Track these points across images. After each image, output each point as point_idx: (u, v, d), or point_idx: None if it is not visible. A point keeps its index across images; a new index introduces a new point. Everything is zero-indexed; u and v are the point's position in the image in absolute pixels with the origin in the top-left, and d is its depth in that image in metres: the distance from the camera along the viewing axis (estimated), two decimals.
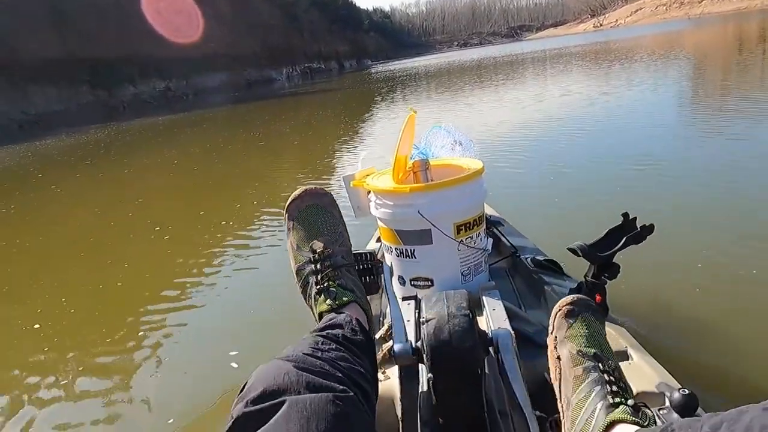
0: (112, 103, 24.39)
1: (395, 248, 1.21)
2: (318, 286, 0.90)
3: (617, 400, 0.72)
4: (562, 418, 0.79)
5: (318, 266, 0.91)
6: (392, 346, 0.87)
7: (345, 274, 0.92)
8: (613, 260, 1.10)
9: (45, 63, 22.35)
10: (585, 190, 3.22)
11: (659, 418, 0.75)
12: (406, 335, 0.89)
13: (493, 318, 0.97)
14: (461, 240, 1.16)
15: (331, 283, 0.90)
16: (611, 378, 0.75)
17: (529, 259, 1.36)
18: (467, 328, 0.80)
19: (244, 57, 40.15)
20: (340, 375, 0.70)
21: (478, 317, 1.04)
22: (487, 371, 0.85)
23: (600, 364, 0.77)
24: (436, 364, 0.79)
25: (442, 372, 0.79)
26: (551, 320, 0.86)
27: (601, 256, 1.08)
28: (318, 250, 0.92)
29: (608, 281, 1.11)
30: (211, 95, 27.68)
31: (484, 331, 0.87)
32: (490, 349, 0.86)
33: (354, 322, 0.84)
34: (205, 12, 38.44)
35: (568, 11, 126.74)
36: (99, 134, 12.56)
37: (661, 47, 14.56)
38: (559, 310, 0.85)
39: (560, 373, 0.81)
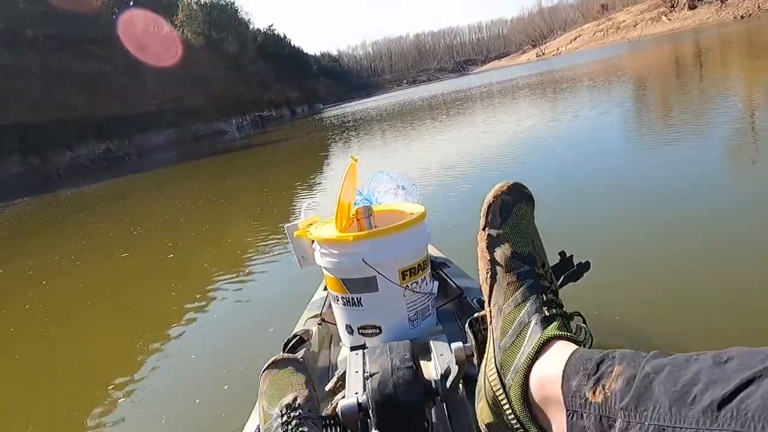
0: (46, 171, 23.31)
1: (341, 297, 1.22)
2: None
3: (553, 311, 0.68)
4: (490, 324, 0.74)
5: (284, 419, 0.87)
6: (337, 404, 0.88)
7: (311, 425, 0.87)
8: None
9: None
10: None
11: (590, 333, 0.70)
12: (352, 389, 0.90)
13: (441, 363, 0.98)
14: (407, 285, 1.18)
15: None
16: (546, 283, 0.71)
17: (475, 300, 1.38)
18: (411, 380, 0.81)
19: (190, 111, 39.99)
20: None
21: (426, 362, 1.06)
22: (435, 420, 0.86)
23: (536, 268, 0.72)
24: (381, 420, 0.79)
25: (389, 426, 0.80)
26: (482, 213, 0.77)
27: None
28: (285, 404, 0.90)
29: None
30: (157, 153, 27.21)
31: (429, 381, 0.88)
32: (437, 397, 0.87)
33: None
34: (149, 68, 38.43)
35: (510, 43, 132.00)
36: (17, 210, 11.90)
37: (605, 73, 15.24)
38: (493, 200, 0.76)
39: (491, 276, 0.74)
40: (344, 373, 1.03)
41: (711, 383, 0.46)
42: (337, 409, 0.85)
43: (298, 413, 0.87)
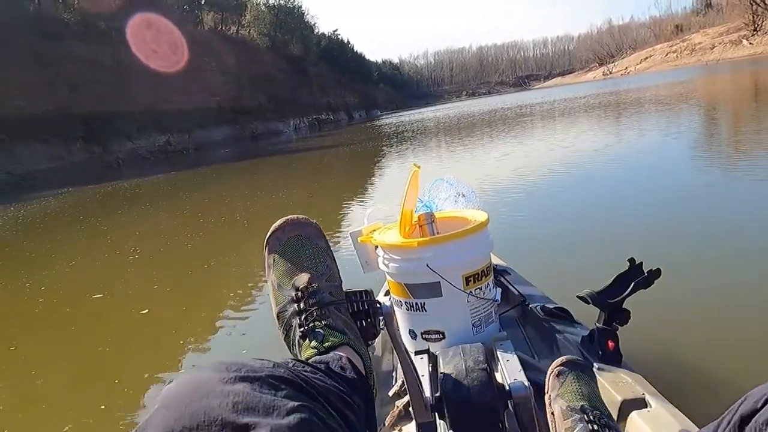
0: (107, 160, 24.03)
1: (405, 302, 1.25)
2: (302, 329, 0.78)
3: None
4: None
5: (302, 305, 0.80)
6: (408, 401, 0.89)
7: (334, 312, 0.81)
8: (623, 306, 1.13)
9: (33, 118, 22.12)
10: (592, 236, 3.28)
11: None
12: (422, 391, 0.90)
13: (508, 370, 1.00)
14: (470, 291, 1.20)
15: (317, 323, 0.78)
16: (596, 427, 0.84)
17: (538, 308, 1.40)
18: (486, 382, 0.82)
19: (249, 110, 41.00)
20: (314, 392, 0.60)
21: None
22: (507, 425, 0.87)
23: (586, 416, 0.87)
24: (456, 420, 0.81)
25: (463, 427, 0.81)
26: (546, 381, 0.95)
27: (610, 302, 1.12)
28: (301, 286, 0.82)
29: (619, 327, 1.14)
30: (215, 149, 27.87)
31: (502, 384, 0.90)
32: (509, 402, 0.89)
33: (344, 360, 0.74)
34: (210, 65, 39.73)
35: (575, 60, 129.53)
36: (75, 197, 12.08)
37: (684, 97, 14.78)
38: (551, 372, 0.95)
39: (555, 428, 0.90)
40: None
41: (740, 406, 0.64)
42: (407, 406, 0.87)
43: (316, 299, 0.80)
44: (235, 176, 12.40)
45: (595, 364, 1.10)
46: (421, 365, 1.07)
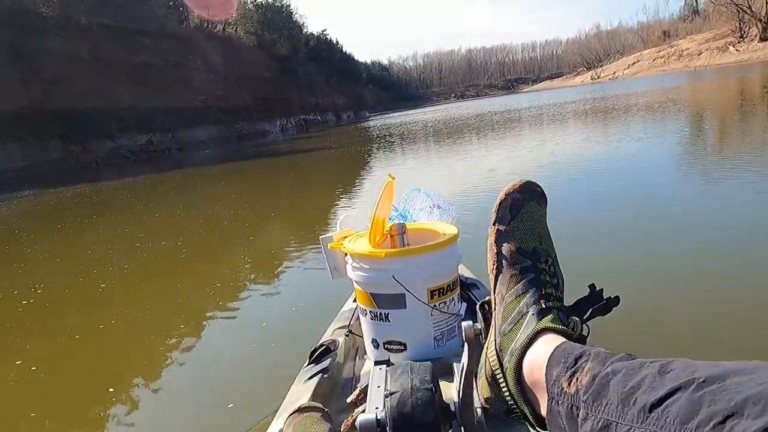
0: (86, 159, 23.38)
1: (370, 311, 1.26)
2: None
3: (549, 304, 0.77)
4: (493, 310, 0.83)
5: None
6: (357, 417, 0.91)
7: None
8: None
9: (7, 115, 21.54)
10: (568, 253, 3.26)
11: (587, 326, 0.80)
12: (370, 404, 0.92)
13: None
14: (435, 305, 1.22)
15: None
16: (547, 278, 0.80)
17: None
18: (429, 401, 0.84)
19: (236, 109, 40.80)
20: None
21: (448, 384, 1.09)
22: None
23: (538, 263, 0.80)
24: None
25: None
26: (494, 209, 0.84)
27: None
28: None
29: None
30: (198, 149, 27.59)
31: (447, 403, 0.91)
32: (454, 422, 0.90)
33: None
34: (196, 63, 39.53)
35: (564, 64, 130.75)
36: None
37: (674, 102, 14.93)
38: (504, 197, 0.84)
39: (497, 268, 0.82)
40: (366, 386, 1.06)
41: (650, 388, 0.54)
42: (356, 423, 0.89)
43: None
44: (208, 182, 12.08)
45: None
46: (379, 376, 1.08)
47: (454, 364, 1.10)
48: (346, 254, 1.32)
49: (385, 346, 1.26)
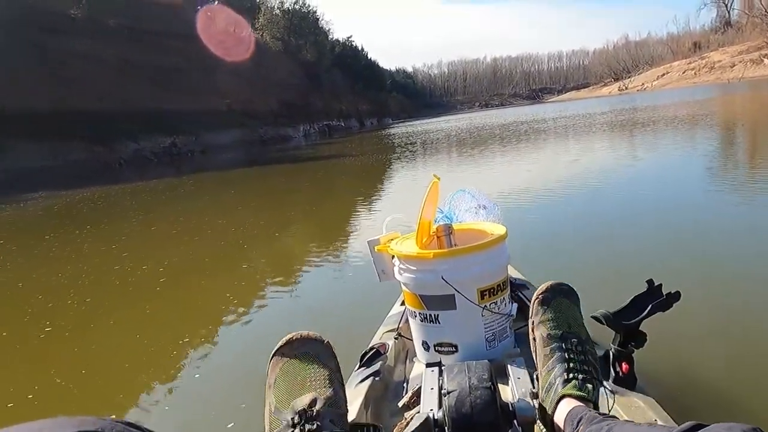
0: (109, 160, 23.65)
1: (419, 313, 1.26)
2: None
3: (571, 375, 0.93)
4: (538, 382, 0.99)
5: (298, 430, 0.74)
6: (412, 419, 0.90)
7: None
8: (640, 328, 1.14)
9: (33, 115, 21.92)
10: (611, 254, 3.29)
11: (606, 390, 0.97)
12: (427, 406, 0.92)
13: (518, 387, 1.00)
14: (485, 305, 1.21)
15: None
16: (571, 356, 0.96)
17: None
18: (489, 401, 0.84)
19: (260, 113, 41.13)
20: None
21: (502, 386, 1.08)
22: None
23: (564, 344, 0.98)
24: None
25: None
26: (531, 306, 1.05)
27: (626, 324, 1.12)
28: (300, 409, 0.76)
29: (635, 350, 1.14)
30: (221, 153, 27.77)
31: (507, 403, 0.91)
32: (514, 421, 0.90)
33: None
34: (224, 68, 40.00)
35: (590, 74, 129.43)
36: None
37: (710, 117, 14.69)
38: (536, 298, 1.05)
39: (536, 351, 1.02)
40: (419, 388, 1.06)
41: None
42: (410, 424, 0.88)
43: (315, 425, 0.74)
44: (227, 185, 12.04)
45: (607, 386, 1.10)
46: (431, 378, 1.08)
47: (508, 365, 1.09)
48: (393, 256, 1.32)
49: (436, 348, 1.25)
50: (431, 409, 0.91)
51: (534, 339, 1.02)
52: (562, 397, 0.90)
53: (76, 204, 10.66)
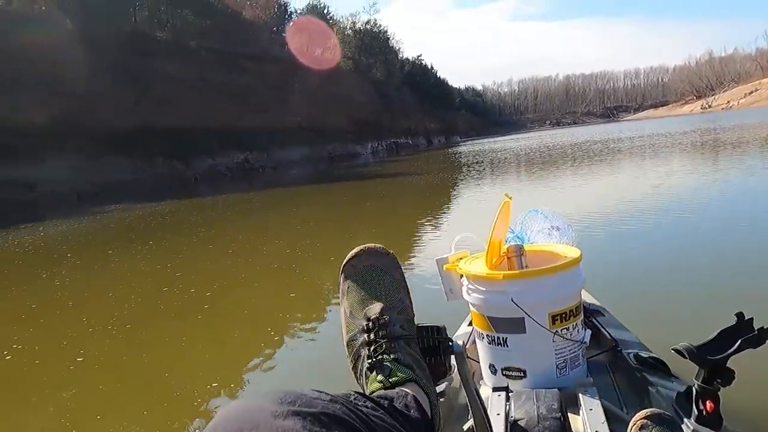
0: (187, 175, 24.87)
1: (487, 335, 1.23)
2: (370, 360, 0.80)
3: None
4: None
5: (372, 336, 0.82)
6: None
7: (403, 347, 0.82)
8: (727, 365, 1.06)
9: (120, 132, 23.24)
10: (695, 282, 3.13)
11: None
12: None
13: (590, 419, 0.96)
14: (557, 331, 1.17)
15: (385, 356, 0.80)
16: None
17: (631, 355, 1.33)
18: None
19: (329, 131, 42.01)
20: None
21: (573, 416, 1.04)
22: None
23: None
24: None
25: None
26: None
27: (712, 359, 1.05)
28: (372, 317, 0.84)
29: (721, 388, 1.07)
30: (291, 168, 28.59)
31: None
32: None
33: (410, 398, 0.74)
34: (295, 86, 41.25)
35: (670, 91, 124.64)
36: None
37: None
38: (634, 424, 0.91)
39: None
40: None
41: None
42: None
43: (387, 330, 0.82)
44: (292, 202, 12.21)
45: (689, 425, 1.03)
46: (498, 403, 1.05)
47: (580, 395, 1.05)
48: (461, 276, 1.30)
49: (504, 372, 1.22)
50: None
51: None
52: None
53: (147, 217, 11.05)
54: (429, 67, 78.77)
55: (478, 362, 1.32)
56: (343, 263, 0.93)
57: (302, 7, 50.76)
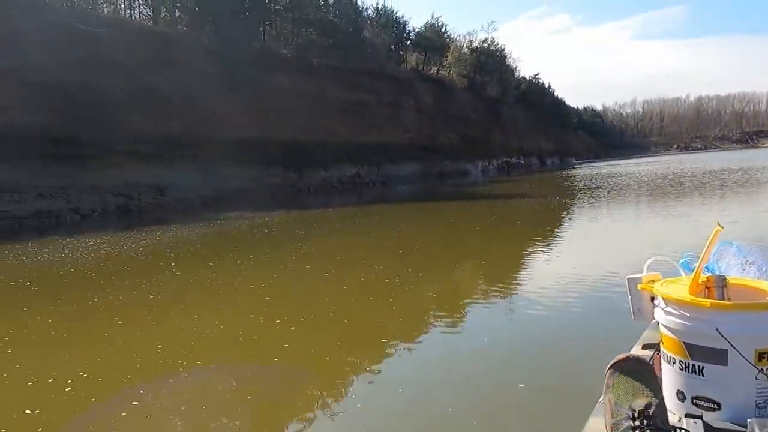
0: (300, 186, 26.25)
1: (680, 361, 1.23)
2: None
3: None
4: None
5: (637, 423, 1.01)
6: None
7: None
8: None
9: (242, 143, 24.85)
10: None
11: None
12: None
13: None
14: (763, 368, 1.15)
15: None
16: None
17: None
18: None
19: (440, 148, 42.24)
20: None
21: None
22: None
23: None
24: None
25: None
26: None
27: None
28: (638, 409, 1.03)
29: None
30: (400, 184, 28.99)
31: None
32: None
33: None
34: (408, 103, 41.92)
35: None
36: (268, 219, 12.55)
37: None
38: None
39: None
40: None
41: None
42: None
43: (650, 423, 1.00)
44: (397, 220, 12.21)
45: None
46: (695, 429, 1.08)
47: None
48: (653, 298, 1.32)
49: (694, 400, 1.21)
50: None
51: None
52: None
53: (256, 227, 11.39)
54: (546, 86, 76.99)
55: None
56: (611, 363, 1.15)
57: (420, 25, 51.49)
